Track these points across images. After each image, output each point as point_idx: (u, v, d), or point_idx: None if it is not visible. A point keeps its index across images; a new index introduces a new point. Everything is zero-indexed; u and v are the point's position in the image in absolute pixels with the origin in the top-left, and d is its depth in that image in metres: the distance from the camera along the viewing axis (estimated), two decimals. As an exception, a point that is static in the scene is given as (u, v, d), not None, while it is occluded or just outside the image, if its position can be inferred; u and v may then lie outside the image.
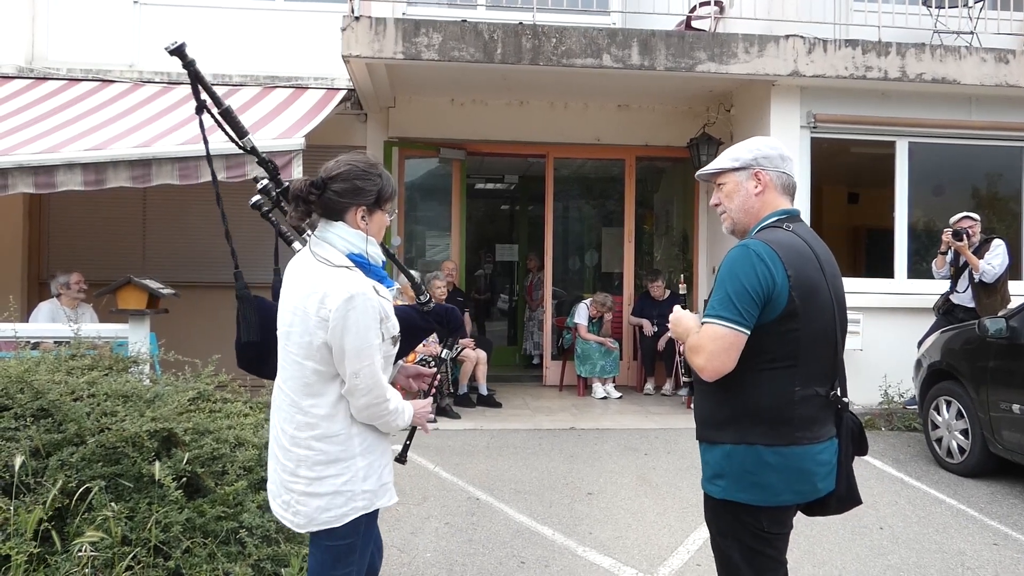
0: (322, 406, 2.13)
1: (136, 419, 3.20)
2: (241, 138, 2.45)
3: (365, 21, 6.58)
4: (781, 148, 2.33)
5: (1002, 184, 8.30)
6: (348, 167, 2.18)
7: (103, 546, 2.84)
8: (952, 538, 4.43)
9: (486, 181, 12.63)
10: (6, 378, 3.34)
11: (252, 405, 3.94)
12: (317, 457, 2.13)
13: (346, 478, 2.14)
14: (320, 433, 2.13)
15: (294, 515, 2.18)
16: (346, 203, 2.17)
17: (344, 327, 2.05)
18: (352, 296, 2.06)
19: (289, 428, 2.17)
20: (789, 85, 7.33)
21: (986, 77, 7.24)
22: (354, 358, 2.07)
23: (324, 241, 2.18)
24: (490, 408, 7.57)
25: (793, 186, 2.33)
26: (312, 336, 2.10)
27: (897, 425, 7.02)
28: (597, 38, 6.88)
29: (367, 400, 2.12)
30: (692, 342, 2.18)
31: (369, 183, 2.19)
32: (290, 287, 2.20)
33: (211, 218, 2.63)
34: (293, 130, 6.27)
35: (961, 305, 6.74)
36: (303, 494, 2.14)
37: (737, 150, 2.32)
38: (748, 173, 2.28)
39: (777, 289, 2.08)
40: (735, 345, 2.08)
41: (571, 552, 4.13)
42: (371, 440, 2.20)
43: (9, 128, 6.40)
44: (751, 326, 2.08)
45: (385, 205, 2.24)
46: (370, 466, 2.18)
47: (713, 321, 2.11)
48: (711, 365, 2.11)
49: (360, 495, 2.15)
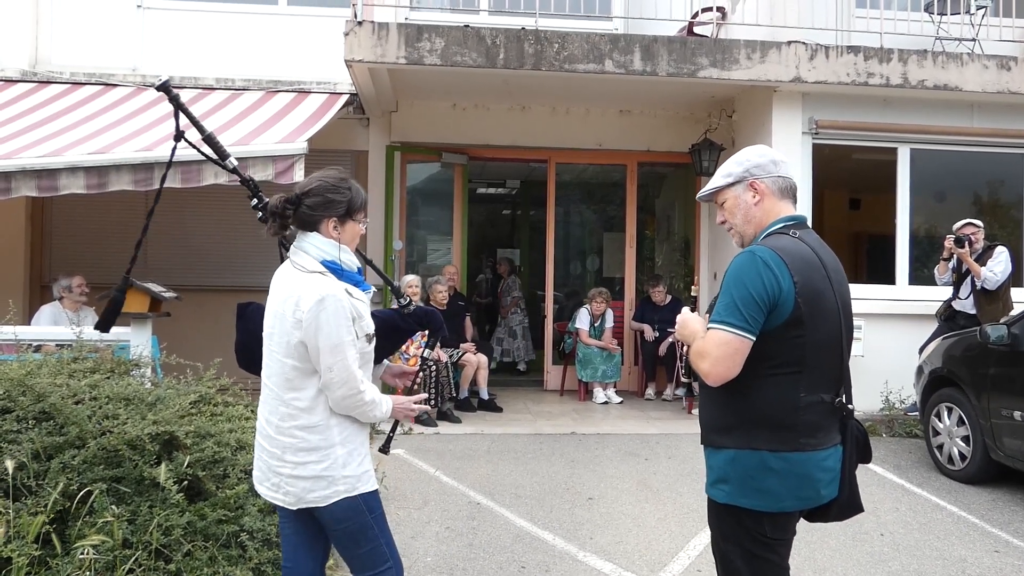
0: (302, 399, 2.32)
1: (137, 422, 3.21)
2: (223, 160, 2.66)
3: (368, 26, 6.60)
4: (770, 153, 2.35)
5: (1004, 191, 8.30)
6: (319, 183, 2.38)
7: (104, 549, 2.84)
8: (953, 545, 4.42)
9: (488, 186, 12.64)
10: (8, 381, 3.34)
11: (253, 409, 3.94)
12: (300, 444, 2.32)
13: (326, 464, 2.32)
14: (302, 424, 2.32)
15: (284, 495, 2.37)
16: (319, 216, 2.36)
17: (317, 326, 2.25)
18: (323, 298, 2.25)
19: (274, 419, 2.37)
20: (791, 91, 7.34)
21: (988, 84, 7.25)
22: (327, 354, 2.26)
23: (300, 250, 2.38)
24: (491, 412, 7.57)
25: (792, 187, 2.34)
26: (289, 336, 2.30)
27: (898, 431, 7.02)
28: (599, 43, 6.89)
29: (342, 392, 2.30)
30: (697, 347, 2.18)
31: (339, 196, 2.38)
32: (273, 293, 2.41)
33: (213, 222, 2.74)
34: (296, 134, 6.28)
35: (963, 312, 6.73)
36: (290, 476, 2.34)
37: (728, 166, 2.35)
38: (743, 186, 2.30)
39: (783, 296, 2.08)
40: (740, 351, 2.09)
41: (571, 557, 4.13)
42: (350, 431, 2.38)
43: (12, 132, 6.42)
44: (756, 332, 2.09)
45: (356, 215, 2.42)
46: (349, 454, 2.36)
47: (719, 327, 2.11)
48: (716, 370, 2.12)
49: (341, 480, 2.33)
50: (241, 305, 2.68)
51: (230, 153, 2.70)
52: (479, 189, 12.44)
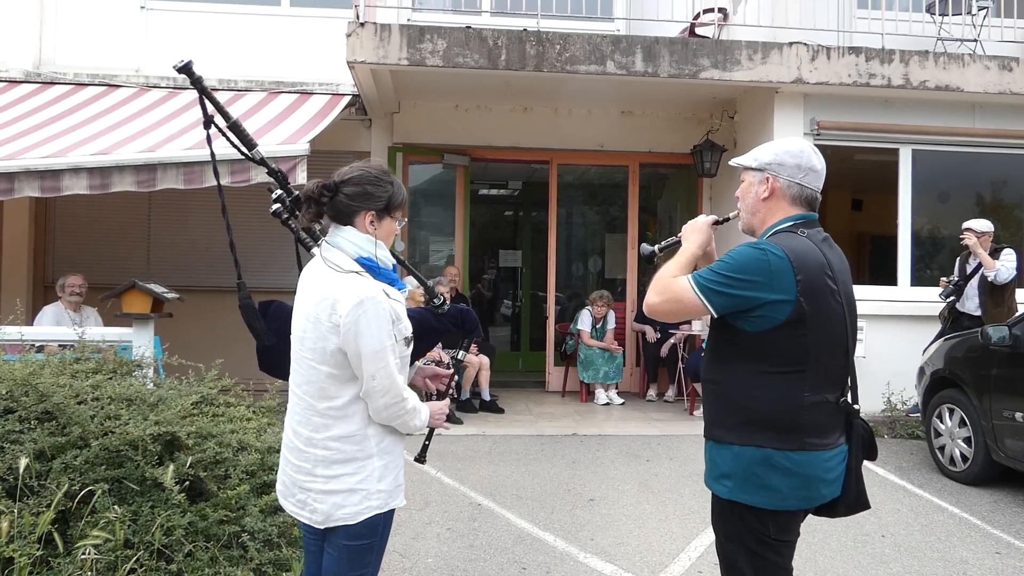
0: (337, 407, 2.15)
1: (140, 423, 3.21)
2: (250, 150, 2.48)
3: (370, 27, 6.61)
4: (805, 157, 2.25)
5: (1006, 191, 8.30)
6: (361, 172, 2.22)
7: (106, 549, 2.85)
8: (955, 547, 4.42)
9: (490, 187, 12.64)
10: (11, 381, 3.35)
11: (255, 409, 3.95)
12: (334, 456, 2.16)
13: (361, 476, 2.16)
14: (337, 433, 2.16)
15: (312, 512, 2.20)
16: (356, 207, 2.19)
17: (357, 331, 2.08)
18: (362, 300, 2.08)
19: (304, 430, 2.20)
20: (792, 92, 7.34)
21: (989, 85, 7.25)
22: (370, 361, 2.09)
23: (334, 246, 2.20)
24: (492, 414, 7.57)
25: (810, 198, 2.26)
26: (326, 342, 2.12)
27: (900, 433, 7.01)
28: (601, 45, 6.89)
29: (385, 401, 2.14)
30: (665, 280, 2.24)
31: (380, 189, 2.21)
32: (303, 293, 2.23)
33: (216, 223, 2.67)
34: (298, 135, 6.30)
35: (967, 313, 6.73)
36: (321, 492, 2.17)
37: (761, 150, 2.31)
38: (761, 176, 2.27)
39: (774, 294, 2.07)
40: (690, 312, 2.22)
41: (572, 558, 4.13)
42: (388, 441, 2.23)
43: (16, 132, 6.44)
44: (721, 312, 2.14)
45: (395, 212, 2.26)
46: (386, 467, 2.21)
47: (693, 283, 2.16)
48: (658, 308, 2.25)
49: (375, 494, 2.18)
50: (263, 304, 2.50)
51: (257, 143, 2.53)
52: (481, 190, 12.44)
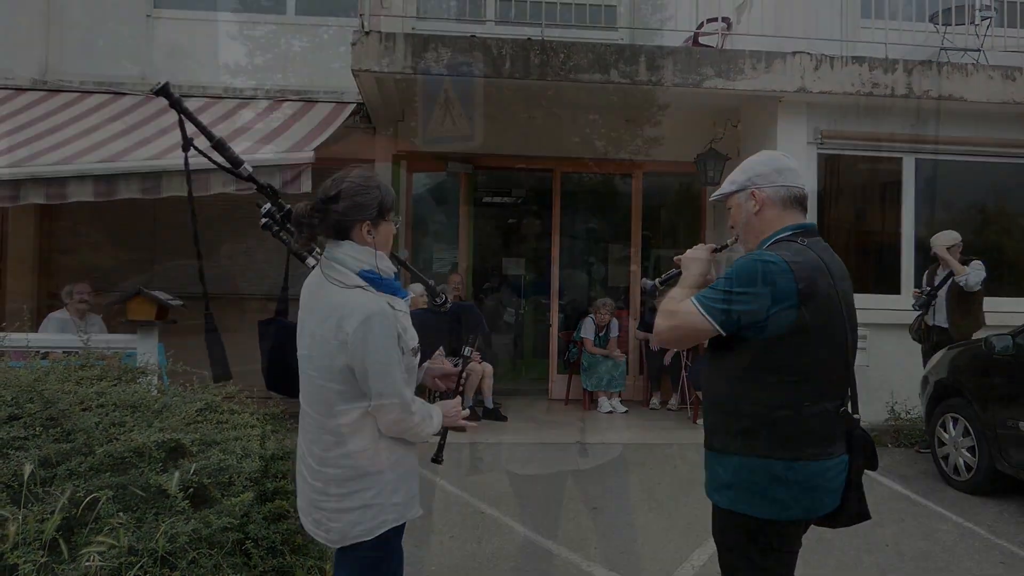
0: (347, 424, 2.14)
1: (144, 430, 3.22)
2: (237, 167, 2.47)
3: (375, 36, 6.64)
4: (776, 161, 2.32)
5: (1009, 201, 8.28)
6: (345, 184, 2.17)
7: (110, 555, 2.85)
8: (959, 557, 4.40)
9: (493, 195, 12.67)
10: (17, 387, 3.36)
11: (259, 417, 3.95)
12: (347, 473, 2.15)
13: (375, 491, 2.16)
14: (348, 450, 2.14)
15: (327, 532, 2.20)
16: (350, 220, 2.16)
17: (364, 349, 2.06)
18: (368, 317, 2.06)
19: (316, 449, 2.18)
20: (796, 101, 7.35)
21: (993, 94, 7.25)
22: (378, 378, 2.08)
23: (334, 261, 2.16)
24: (496, 421, 7.57)
25: (798, 196, 2.31)
26: (332, 360, 2.10)
27: (903, 442, 6.99)
28: (605, 54, 6.92)
29: (394, 416, 2.14)
30: (671, 305, 2.24)
31: (368, 196, 2.17)
32: (306, 310, 2.21)
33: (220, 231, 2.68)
34: (303, 143, 6.33)
35: (937, 326, 6.71)
36: (334, 511, 2.16)
37: (735, 172, 2.37)
38: (746, 194, 2.32)
39: (779, 303, 2.08)
40: (700, 335, 2.19)
41: (576, 567, 4.12)
42: (399, 454, 2.22)
43: (22, 140, 6.47)
44: (729, 331, 2.12)
45: (388, 215, 2.22)
46: (399, 479, 2.22)
47: (699, 305, 2.15)
48: (669, 336, 2.26)
49: (390, 508, 2.19)
50: (262, 323, 2.47)
51: (244, 160, 2.52)
52: (484, 198, 12.47)
